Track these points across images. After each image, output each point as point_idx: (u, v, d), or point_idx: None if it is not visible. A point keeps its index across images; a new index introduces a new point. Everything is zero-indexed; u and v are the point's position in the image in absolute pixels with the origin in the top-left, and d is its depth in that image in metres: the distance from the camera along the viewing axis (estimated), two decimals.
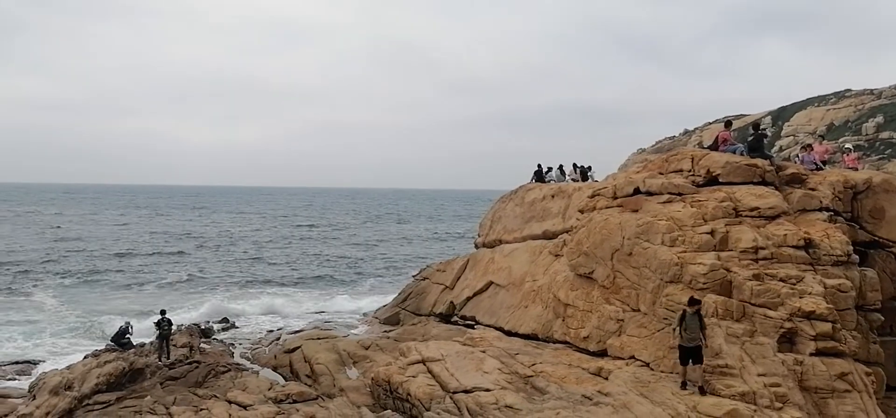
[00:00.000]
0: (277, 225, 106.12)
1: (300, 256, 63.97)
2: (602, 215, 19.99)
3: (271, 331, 31.13)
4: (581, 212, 22.23)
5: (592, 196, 21.83)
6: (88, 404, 19.55)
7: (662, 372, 15.95)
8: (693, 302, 14.87)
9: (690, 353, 14.61)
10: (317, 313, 36.18)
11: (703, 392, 14.34)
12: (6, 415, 19.06)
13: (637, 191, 19.95)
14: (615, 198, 20.48)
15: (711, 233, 17.01)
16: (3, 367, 24.16)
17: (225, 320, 33.21)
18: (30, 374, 23.42)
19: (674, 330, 14.98)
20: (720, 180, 18.96)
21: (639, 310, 17.61)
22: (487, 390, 16.39)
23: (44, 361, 25.45)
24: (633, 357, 17.00)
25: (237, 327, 32.56)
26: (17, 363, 25.01)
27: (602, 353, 18.14)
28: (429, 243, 79.98)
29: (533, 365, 18.03)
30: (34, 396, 19.90)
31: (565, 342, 19.87)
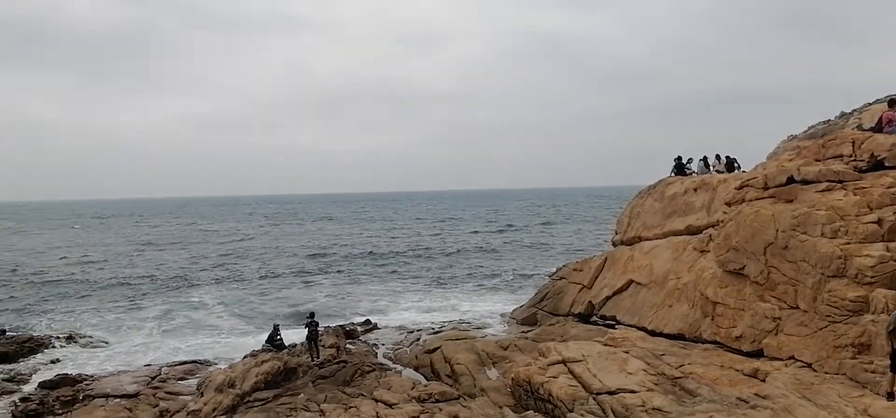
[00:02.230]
0: (410, 228, 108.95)
1: (437, 258, 65.22)
2: (752, 207, 18.83)
3: (411, 332, 31.85)
4: (728, 204, 21.07)
5: (740, 187, 20.62)
6: (249, 400, 21.01)
7: (827, 373, 14.77)
8: None
9: None
10: (453, 314, 36.64)
11: None
12: (178, 411, 20.88)
13: (791, 180, 18.61)
14: (766, 188, 19.22)
15: (878, 221, 15.57)
16: (174, 368, 26.33)
17: (367, 321, 34.36)
18: (197, 374, 25.44)
19: (889, 331, 12.93)
20: (886, 164, 17.31)
21: (797, 308, 16.41)
22: (633, 392, 15.90)
23: (209, 362, 27.55)
24: (792, 357, 15.88)
25: (379, 328, 33.55)
26: (184, 363, 27.18)
27: (757, 354, 17.09)
28: (565, 239, 78.81)
29: (681, 366, 17.28)
30: (202, 393, 21.66)
31: (715, 342, 18.93)
